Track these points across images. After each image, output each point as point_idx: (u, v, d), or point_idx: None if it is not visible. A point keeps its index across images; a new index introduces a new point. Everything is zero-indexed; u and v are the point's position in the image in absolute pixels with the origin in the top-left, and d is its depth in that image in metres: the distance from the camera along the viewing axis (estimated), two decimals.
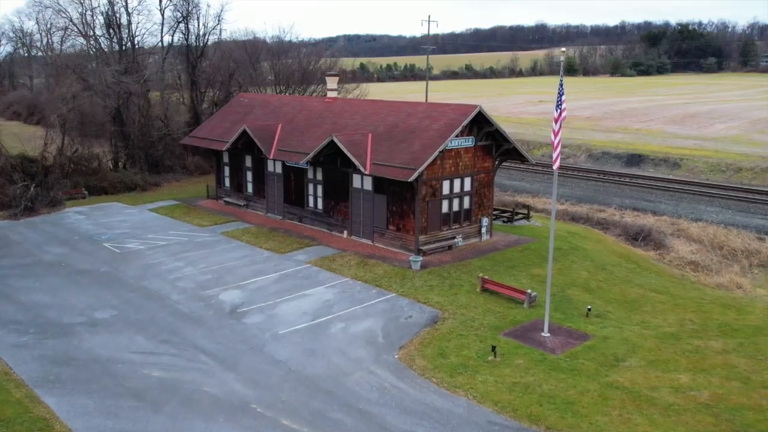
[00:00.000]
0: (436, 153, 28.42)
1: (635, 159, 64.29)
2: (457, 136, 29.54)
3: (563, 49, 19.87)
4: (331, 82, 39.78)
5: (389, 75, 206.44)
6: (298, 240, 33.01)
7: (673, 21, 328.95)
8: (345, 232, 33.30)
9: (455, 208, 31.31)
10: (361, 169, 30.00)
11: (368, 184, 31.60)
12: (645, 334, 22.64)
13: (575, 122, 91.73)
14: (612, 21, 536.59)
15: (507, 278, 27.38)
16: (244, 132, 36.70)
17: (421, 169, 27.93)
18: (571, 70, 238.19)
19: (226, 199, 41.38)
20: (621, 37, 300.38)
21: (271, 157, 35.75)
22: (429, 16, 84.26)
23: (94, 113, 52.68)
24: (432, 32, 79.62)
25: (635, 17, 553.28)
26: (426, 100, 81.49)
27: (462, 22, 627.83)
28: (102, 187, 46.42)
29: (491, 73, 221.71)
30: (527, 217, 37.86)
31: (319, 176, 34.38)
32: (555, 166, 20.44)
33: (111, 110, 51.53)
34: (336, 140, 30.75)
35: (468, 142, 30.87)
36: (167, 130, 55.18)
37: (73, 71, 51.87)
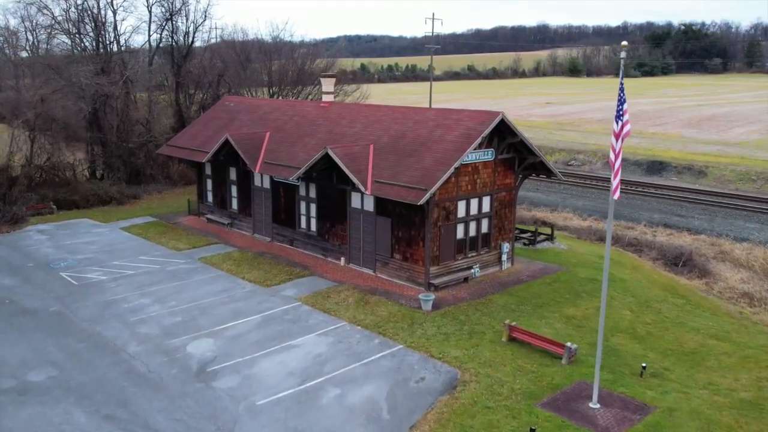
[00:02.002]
0: (451, 170, 23.72)
1: (656, 166, 59.63)
2: (474, 148, 24.85)
3: (624, 42, 15.27)
4: (327, 84, 35.00)
5: (390, 76, 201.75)
6: (288, 269, 28.30)
7: (676, 22, 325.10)
8: (342, 259, 28.61)
9: (472, 232, 26.61)
10: (361, 188, 25.31)
11: (369, 205, 26.91)
12: (717, 403, 17.95)
13: (587, 125, 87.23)
14: (614, 21, 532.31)
15: (536, 321, 22.70)
16: (227, 141, 32.00)
17: (433, 189, 23.24)
18: (574, 70, 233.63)
19: (209, 216, 36.65)
20: (623, 37, 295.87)
21: (256, 170, 31.03)
22: (433, 14, 79.47)
23: (69, 117, 47.87)
24: (435, 31, 74.96)
25: (637, 18, 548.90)
26: (430, 101, 76.79)
27: (463, 23, 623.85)
28: (73, 201, 41.76)
29: (494, 74, 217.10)
30: (551, 238, 33.16)
31: (313, 193, 29.70)
32: (615, 196, 15.70)
33: (86, 114, 46.78)
34: (331, 153, 26.06)
35: (487, 155, 26.19)
36: (149, 135, 50.45)
37: (53, 70, 47.10)
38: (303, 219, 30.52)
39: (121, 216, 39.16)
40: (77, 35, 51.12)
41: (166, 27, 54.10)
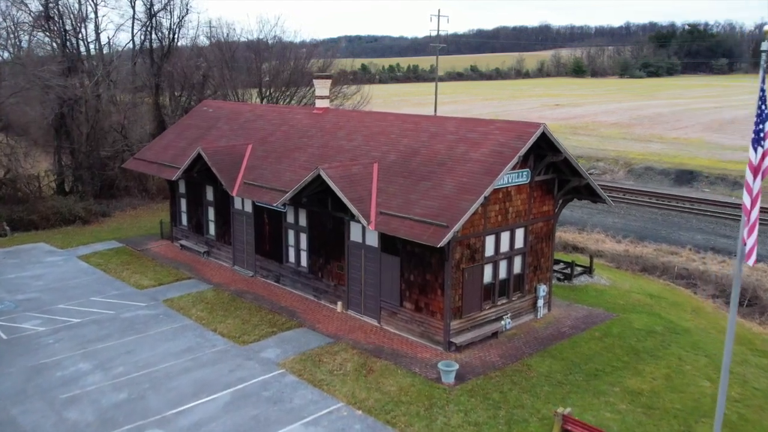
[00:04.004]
0: (480, 199, 18.29)
1: (686, 176, 54.20)
2: (509, 170, 19.41)
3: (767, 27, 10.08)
4: (322, 87, 29.47)
5: (391, 76, 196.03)
6: (271, 316, 22.84)
7: (679, 22, 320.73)
8: (339, 303, 23.17)
9: (502, 274, 21.18)
10: (362, 221, 19.86)
11: (373, 239, 21.49)
12: None
13: (602, 129, 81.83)
14: (617, 22, 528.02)
15: (593, 400, 17.28)
16: (199, 156, 26.57)
17: (456, 226, 17.80)
18: (578, 71, 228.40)
19: (183, 242, 31.18)
20: (626, 38, 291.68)
21: (234, 193, 25.57)
22: (439, 11, 74.17)
23: (31, 124, 42.36)
24: (439, 31, 69.69)
25: (640, 18, 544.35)
26: (435, 103, 71.43)
27: (464, 23, 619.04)
28: (30, 221, 36.22)
29: (497, 75, 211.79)
30: (590, 271, 27.75)
31: (303, 221, 24.27)
32: (750, 262, 10.26)
33: (50, 120, 41.30)
34: (324, 176, 20.61)
35: (522, 177, 20.79)
36: (125, 143, 44.98)
37: (23, 68, 41.57)
38: (291, 251, 25.09)
39: (84, 239, 33.69)
40: (55, 32, 45.73)
41: (149, 24, 48.73)
